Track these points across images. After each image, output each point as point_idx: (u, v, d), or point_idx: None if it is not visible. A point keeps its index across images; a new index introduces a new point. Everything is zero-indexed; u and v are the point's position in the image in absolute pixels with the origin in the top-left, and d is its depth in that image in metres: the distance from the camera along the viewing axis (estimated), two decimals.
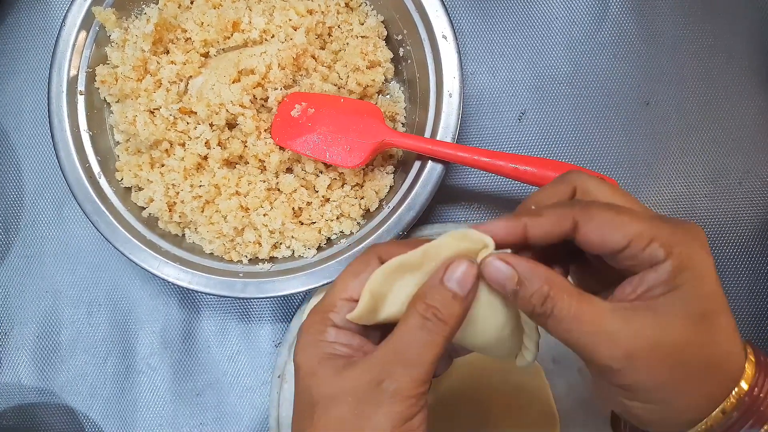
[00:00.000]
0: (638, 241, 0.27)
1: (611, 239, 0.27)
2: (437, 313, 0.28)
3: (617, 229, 0.27)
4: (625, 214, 0.28)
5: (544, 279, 0.28)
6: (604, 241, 0.28)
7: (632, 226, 0.27)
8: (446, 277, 0.28)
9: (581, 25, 0.56)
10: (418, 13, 0.48)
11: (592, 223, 0.28)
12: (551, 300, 0.27)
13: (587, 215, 0.28)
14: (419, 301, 0.28)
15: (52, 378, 0.54)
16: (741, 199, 0.54)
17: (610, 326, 0.26)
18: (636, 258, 0.27)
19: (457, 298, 0.28)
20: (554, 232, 0.29)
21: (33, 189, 0.57)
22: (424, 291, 0.28)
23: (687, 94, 0.55)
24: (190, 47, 0.49)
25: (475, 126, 0.55)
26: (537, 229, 0.29)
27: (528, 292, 0.28)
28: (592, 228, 0.28)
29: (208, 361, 0.54)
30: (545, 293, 0.27)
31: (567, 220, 0.28)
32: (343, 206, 0.49)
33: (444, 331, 0.28)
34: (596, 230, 0.28)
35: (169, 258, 0.47)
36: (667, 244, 0.27)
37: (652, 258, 0.27)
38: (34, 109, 0.57)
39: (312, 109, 0.47)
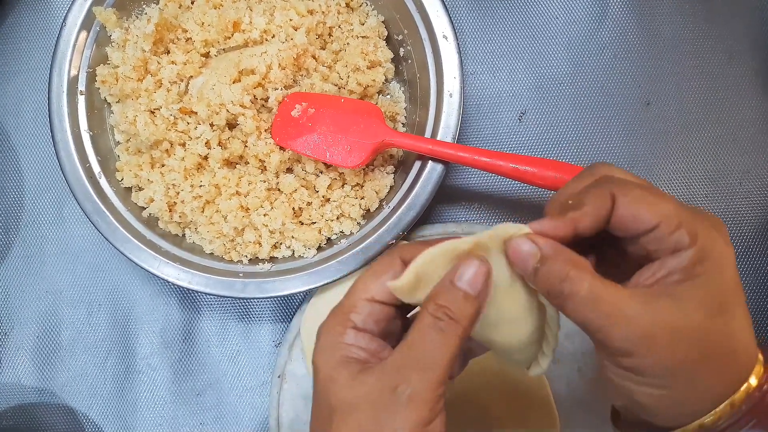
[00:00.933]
0: (667, 223, 0.27)
1: (643, 217, 0.27)
2: (449, 313, 0.28)
3: (650, 207, 0.27)
4: (657, 194, 0.28)
5: (566, 259, 0.28)
6: (636, 218, 0.27)
7: (664, 207, 0.27)
8: (457, 277, 0.28)
9: (581, 25, 0.56)
10: (418, 13, 0.48)
11: (627, 198, 0.28)
12: (570, 280, 0.27)
13: (623, 189, 0.28)
14: (430, 302, 0.28)
15: (52, 378, 0.54)
16: (741, 199, 0.54)
17: (628, 309, 0.26)
18: (661, 242, 0.27)
19: (469, 298, 0.28)
20: (600, 214, 0.28)
21: (33, 189, 0.57)
22: (435, 292, 0.28)
23: (687, 94, 0.55)
24: (190, 47, 0.49)
25: (475, 126, 0.55)
26: (586, 221, 0.28)
27: (549, 269, 0.27)
28: (627, 203, 0.28)
29: (208, 361, 0.54)
30: (566, 272, 0.27)
31: (606, 197, 0.28)
32: (344, 206, 0.49)
33: (457, 331, 0.28)
34: (630, 206, 0.27)
35: (170, 258, 0.47)
36: (693, 232, 0.27)
37: (677, 243, 0.27)
38: (35, 109, 0.57)
39: (312, 109, 0.47)
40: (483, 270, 0.28)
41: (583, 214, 0.28)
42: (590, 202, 0.28)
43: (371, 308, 0.30)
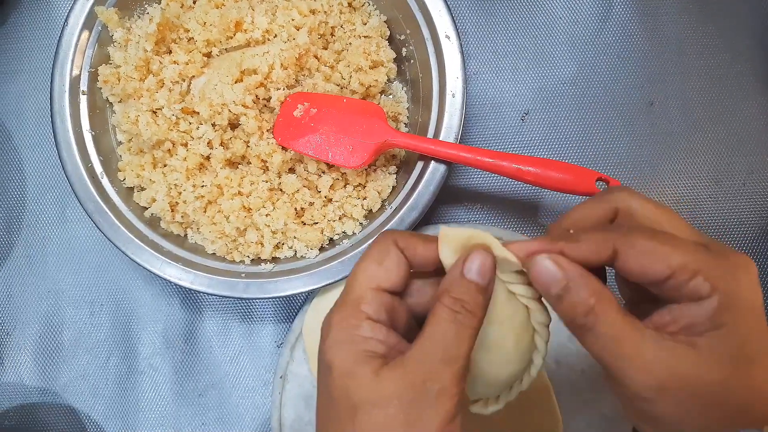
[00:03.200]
0: (682, 274, 0.26)
1: (652, 270, 0.26)
2: (465, 305, 0.28)
3: (659, 260, 0.26)
4: (668, 243, 0.27)
5: (593, 290, 0.27)
6: (644, 271, 0.27)
7: (676, 258, 0.26)
8: (466, 269, 0.28)
9: (585, 26, 0.56)
10: (421, 12, 0.48)
11: (633, 252, 0.27)
12: (595, 314, 0.26)
13: (628, 243, 0.27)
14: (445, 295, 0.28)
15: (54, 378, 0.54)
16: (745, 200, 0.53)
17: (649, 355, 0.26)
18: (678, 290, 0.26)
19: (480, 289, 0.28)
20: (592, 259, 0.27)
21: (35, 189, 0.57)
22: (447, 286, 0.28)
23: (691, 94, 0.55)
24: (192, 47, 0.49)
25: (478, 126, 0.55)
26: (574, 255, 0.28)
27: (573, 299, 0.27)
28: (633, 257, 0.27)
29: (210, 361, 0.54)
30: (591, 305, 0.26)
31: (606, 248, 0.27)
32: (346, 207, 0.49)
33: (473, 323, 0.28)
34: (637, 260, 0.27)
35: (172, 258, 0.47)
36: (713, 278, 0.26)
37: (695, 292, 0.26)
38: (37, 109, 0.57)
39: (314, 109, 0.47)
40: (490, 260, 0.28)
41: (573, 249, 0.28)
42: (587, 243, 0.28)
43: (381, 297, 0.29)
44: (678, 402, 0.26)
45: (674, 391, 0.26)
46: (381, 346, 0.28)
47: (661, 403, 0.26)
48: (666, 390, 0.26)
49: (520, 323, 0.31)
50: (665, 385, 0.26)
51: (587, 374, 0.48)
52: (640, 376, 0.26)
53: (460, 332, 0.27)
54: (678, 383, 0.25)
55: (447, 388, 0.27)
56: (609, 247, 0.27)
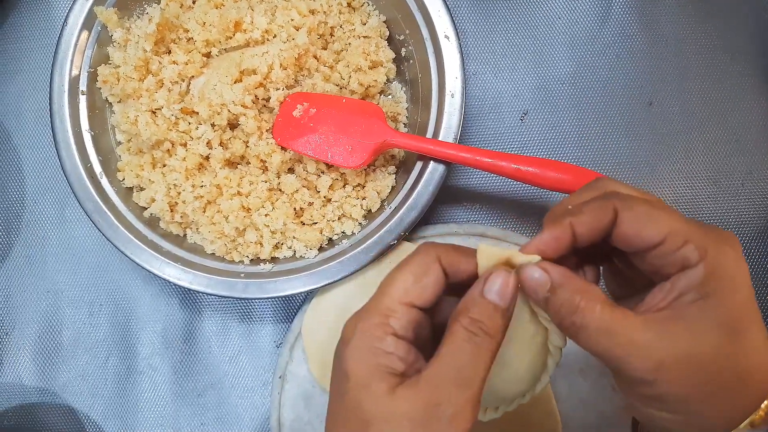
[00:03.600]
0: (673, 239, 0.27)
1: (647, 233, 0.27)
2: (483, 327, 0.27)
3: (654, 223, 0.27)
4: (662, 209, 0.27)
5: (576, 289, 0.27)
6: (640, 234, 0.27)
7: (669, 223, 0.27)
8: (486, 290, 0.28)
9: (584, 26, 0.56)
10: (420, 13, 0.48)
11: (631, 214, 0.27)
12: (582, 311, 0.27)
13: (627, 204, 0.28)
14: (462, 315, 0.28)
15: (53, 378, 0.54)
16: (744, 200, 0.54)
17: (642, 339, 0.26)
18: (667, 257, 0.27)
19: (499, 310, 0.28)
20: (598, 224, 0.28)
21: (35, 189, 0.57)
22: (465, 306, 0.28)
23: (690, 94, 0.55)
24: (192, 47, 0.49)
25: (477, 126, 0.55)
26: (582, 226, 0.28)
27: (559, 300, 0.27)
28: (631, 218, 0.27)
29: (209, 361, 0.54)
30: (576, 303, 0.27)
31: (608, 210, 0.28)
32: (345, 207, 0.49)
33: (491, 345, 0.27)
34: (634, 222, 0.27)
35: (171, 258, 0.47)
36: (701, 247, 0.26)
37: (684, 260, 0.27)
38: (36, 109, 0.57)
39: (314, 110, 0.47)
40: (512, 281, 0.28)
41: (580, 220, 0.28)
42: (590, 211, 0.28)
43: (410, 314, 0.29)
44: (678, 378, 0.26)
45: (672, 369, 0.26)
46: (400, 364, 0.28)
47: (661, 383, 0.26)
48: (664, 369, 0.26)
49: (537, 345, 0.31)
50: (662, 365, 0.26)
51: (586, 373, 0.48)
52: (636, 361, 0.26)
53: (477, 355, 0.27)
54: (674, 360, 0.26)
55: (461, 412, 0.26)
56: (611, 209, 0.28)
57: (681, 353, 0.26)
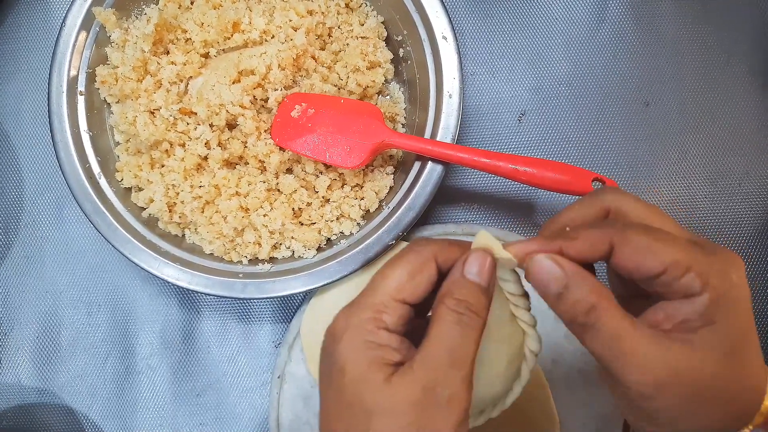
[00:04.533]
0: (674, 270, 0.26)
1: (646, 266, 0.27)
2: (470, 306, 0.28)
3: (653, 255, 0.27)
4: (662, 240, 0.27)
5: (593, 288, 0.27)
6: (639, 267, 0.27)
7: (669, 253, 0.26)
8: (466, 270, 0.28)
9: (581, 26, 0.56)
10: (418, 13, 0.48)
11: (628, 248, 0.27)
12: (596, 312, 0.27)
13: (623, 239, 0.27)
14: (447, 297, 0.28)
15: (51, 378, 0.54)
16: (740, 200, 0.54)
17: (647, 352, 0.26)
18: (670, 286, 0.27)
19: (481, 289, 0.28)
20: (590, 255, 0.28)
21: (33, 189, 0.57)
22: (449, 288, 0.28)
23: (687, 94, 0.55)
24: (190, 48, 0.49)
25: (474, 127, 0.55)
26: (574, 251, 0.28)
27: (573, 298, 0.27)
28: (628, 253, 0.27)
29: (208, 361, 0.54)
30: (592, 303, 0.27)
31: (603, 243, 0.28)
32: (343, 207, 0.49)
33: (478, 324, 0.28)
34: (632, 256, 0.27)
35: (169, 258, 0.47)
36: (704, 275, 0.26)
37: (687, 288, 0.26)
38: (35, 109, 0.57)
39: (312, 110, 0.47)
40: (490, 261, 0.28)
41: (574, 247, 0.28)
42: (584, 239, 0.28)
43: (402, 310, 0.29)
44: (675, 398, 0.26)
45: (671, 388, 0.26)
46: (396, 354, 0.28)
47: (659, 399, 0.26)
48: (664, 386, 0.26)
49: (516, 346, 0.31)
50: (663, 382, 0.26)
51: (584, 373, 0.48)
52: (639, 373, 0.26)
53: (466, 334, 0.27)
54: (675, 379, 0.26)
55: (457, 392, 0.27)
56: (606, 242, 0.28)
57: (683, 375, 0.26)
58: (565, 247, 0.28)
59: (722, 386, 0.27)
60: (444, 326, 0.28)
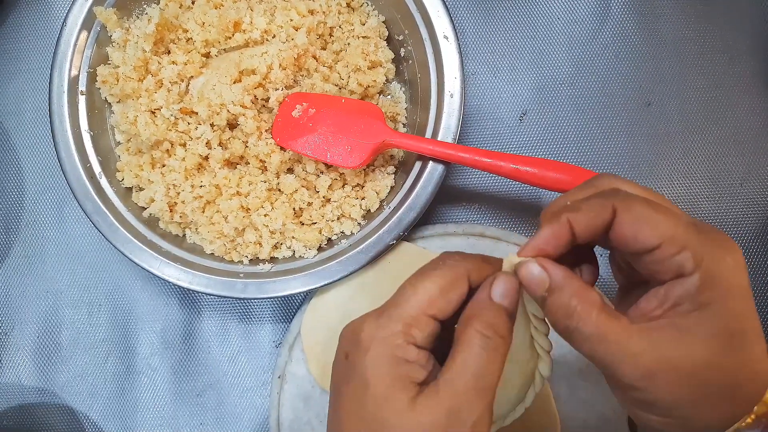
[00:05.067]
0: (669, 245, 0.26)
1: (644, 236, 0.26)
2: (497, 330, 0.27)
3: (652, 226, 0.26)
4: (662, 212, 0.27)
5: (574, 291, 0.27)
6: (636, 236, 0.27)
7: (667, 227, 0.26)
8: (494, 293, 0.28)
9: (583, 26, 0.56)
10: (419, 13, 0.48)
11: (629, 215, 0.27)
12: (577, 315, 0.27)
13: (626, 205, 0.27)
14: (476, 320, 0.28)
15: (52, 378, 0.54)
16: (742, 200, 0.54)
17: (634, 347, 0.26)
18: (663, 263, 0.26)
19: (507, 312, 0.28)
20: (597, 223, 0.27)
21: (34, 189, 0.57)
22: (474, 311, 0.28)
23: (689, 94, 0.55)
24: (191, 47, 0.49)
25: (476, 126, 0.55)
26: (580, 224, 0.28)
27: (556, 302, 0.27)
28: (629, 220, 0.27)
29: (208, 361, 0.54)
30: (573, 307, 0.27)
31: (607, 208, 0.27)
32: (344, 207, 0.49)
33: (503, 348, 0.28)
34: (632, 224, 0.27)
35: (170, 258, 0.47)
36: (698, 255, 0.26)
37: (679, 267, 0.26)
38: (35, 109, 0.57)
39: (313, 110, 0.47)
40: (515, 283, 0.28)
41: (578, 218, 0.27)
42: (588, 208, 0.28)
43: (432, 326, 0.29)
44: (667, 386, 0.26)
45: (663, 376, 0.26)
46: (422, 372, 0.28)
47: (652, 389, 0.26)
48: (655, 376, 0.26)
49: (530, 368, 0.32)
50: (653, 372, 0.26)
51: (584, 373, 0.48)
52: (628, 368, 0.26)
53: (492, 359, 0.27)
54: (664, 370, 0.26)
55: (480, 419, 0.27)
56: (609, 208, 0.27)
57: (672, 362, 0.26)
58: (572, 219, 0.27)
59: (718, 373, 0.26)
60: (471, 350, 0.27)
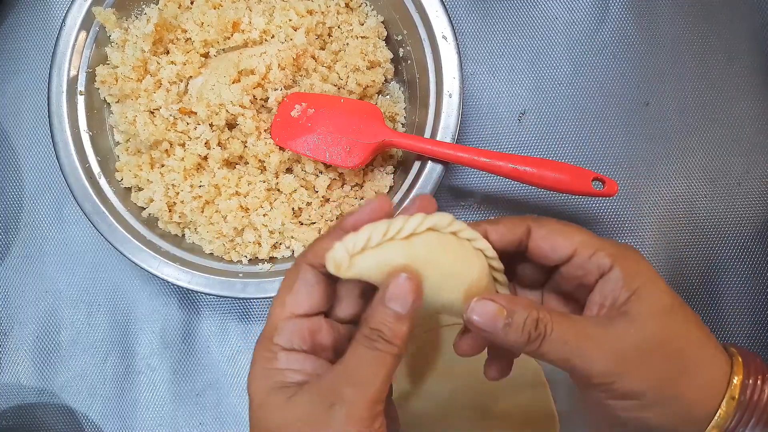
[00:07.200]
0: (584, 249, 0.30)
1: (559, 245, 0.31)
2: (383, 336, 0.28)
3: (565, 237, 0.31)
4: (571, 227, 0.31)
5: (529, 305, 0.29)
6: (553, 247, 0.31)
7: (578, 236, 0.31)
8: (387, 298, 0.28)
9: (581, 26, 0.56)
10: (418, 13, 0.48)
11: (542, 230, 0.31)
12: (543, 321, 0.29)
13: (538, 223, 0.32)
14: (364, 324, 0.28)
15: (51, 378, 0.54)
16: (740, 199, 0.54)
17: (595, 335, 0.29)
18: (584, 267, 0.30)
19: (400, 318, 0.28)
20: (509, 236, 0.32)
21: (33, 189, 0.57)
22: (368, 314, 0.29)
23: (687, 94, 0.55)
24: (190, 47, 0.49)
25: (474, 126, 0.55)
26: (495, 234, 0.32)
27: (519, 320, 0.29)
28: (543, 234, 0.31)
29: (207, 361, 0.54)
30: (535, 317, 0.29)
31: (521, 226, 0.32)
32: (343, 206, 0.49)
33: (392, 351, 0.28)
34: (546, 237, 0.31)
35: (169, 258, 0.47)
36: (612, 254, 0.30)
37: (599, 266, 0.30)
38: (34, 109, 0.57)
39: (312, 110, 0.47)
40: (412, 287, 0.28)
41: (494, 228, 0.32)
42: (505, 222, 0.32)
43: (294, 325, 0.29)
44: (638, 366, 0.28)
45: (629, 358, 0.28)
46: (298, 375, 0.29)
47: (627, 376, 0.28)
48: (622, 359, 0.28)
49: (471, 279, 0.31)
50: (619, 356, 0.28)
51: None
52: (597, 356, 0.28)
53: (377, 359, 0.27)
54: (628, 348, 0.28)
55: (355, 411, 0.27)
56: (524, 225, 0.32)
57: (631, 341, 0.28)
58: (489, 229, 0.32)
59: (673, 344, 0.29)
60: (355, 352, 0.28)
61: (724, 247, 0.53)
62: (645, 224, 0.53)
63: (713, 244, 0.53)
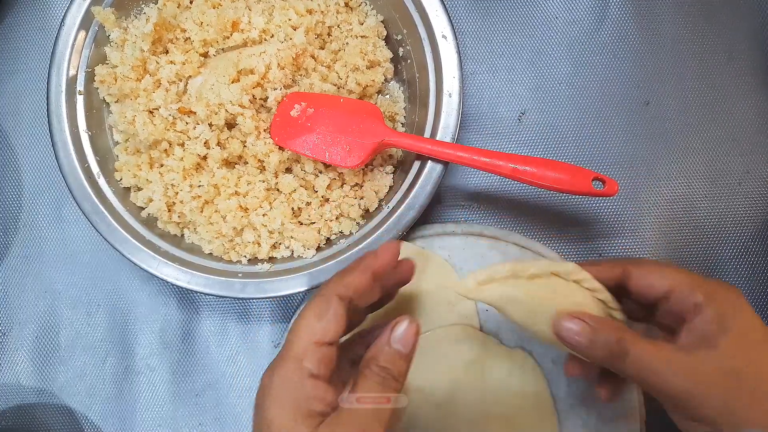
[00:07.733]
0: (681, 288, 0.33)
1: (657, 284, 0.34)
2: (391, 373, 0.31)
3: (662, 276, 0.34)
4: (668, 266, 0.35)
5: (614, 325, 0.33)
6: (651, 285, 0.34)
7: (675, 275, 0.34)
8: (392, 339, 0.32)
9: (581, 25, 0.56)
10: (417, 13, 0.48)
11: (641, 270, 0.35)
12: (624, 341, 0.32)
13: (637, 263, 0.35)
14: (373, 363, 0.31)
15: (50, 378, 0.54)
16: (741, 199, 0.54)
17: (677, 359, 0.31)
18: (681, 304, 0.33)
19: (403, 357, 0.32)
20: (608, 275, 0.36)
21: (32, 189, 0.57)
22: (375, 353, 0.32)
23: (687, 93, 0.55)
24: (189, 47, 0.49)
25: (474, 126, 0.55)
26: (594, 273, 0.36)
27: (603, 338, 0.32)
28: (641, 273, 0.35)
29: (207, 361, 0.54)
30: (617, 336, 0.32)
31: (619, 267, 0.36)
32: (343, 206, 0.49)
33: (397, 387, 0.31)
34: (644, 276, 0.34)
35: (168, 258, 0.47)
36: (708, 293, 0.33)
37: (695, 304, 0.33)
38: (33, 109, 0.57)
39: (311, 109, 0.47)
40: (413, 329, 0.32)
41: (593, 269, 0.36)
42: (604, 264, 0.37)
43: (321, 352, 0.31)
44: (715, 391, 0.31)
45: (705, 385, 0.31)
46: (320, 404, 0.30)
47: (707, 397, 0.31)
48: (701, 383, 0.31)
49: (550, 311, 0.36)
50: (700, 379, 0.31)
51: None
52: (677, 378, 0.31)
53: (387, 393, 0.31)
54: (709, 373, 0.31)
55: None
56: (621, 266, 0.36)
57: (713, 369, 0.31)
58: (589, 269, 0.36)
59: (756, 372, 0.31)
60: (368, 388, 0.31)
61: (724, 247, 0.53)
62: (645, 224, 0.53)
63: (713, 244, 0.53)
